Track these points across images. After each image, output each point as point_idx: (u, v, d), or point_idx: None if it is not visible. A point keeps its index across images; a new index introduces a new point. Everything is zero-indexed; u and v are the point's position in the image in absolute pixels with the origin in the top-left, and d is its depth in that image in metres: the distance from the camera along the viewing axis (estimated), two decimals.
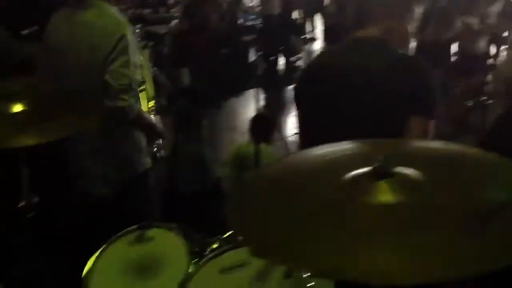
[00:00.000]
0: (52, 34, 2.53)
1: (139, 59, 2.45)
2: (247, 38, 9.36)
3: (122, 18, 2.44)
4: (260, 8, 10.37)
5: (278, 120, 4.59)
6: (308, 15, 11.79)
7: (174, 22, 8.30)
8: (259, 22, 10.01)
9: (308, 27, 12.00)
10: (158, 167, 2.77)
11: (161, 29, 8.47)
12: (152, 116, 2.79)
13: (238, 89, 8.02)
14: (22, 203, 1.87)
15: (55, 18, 2.54)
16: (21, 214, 1.87)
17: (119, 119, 2.31)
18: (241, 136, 6.38)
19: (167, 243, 1.79)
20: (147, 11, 9.86)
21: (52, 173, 2.42)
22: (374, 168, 1.14)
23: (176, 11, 9.91)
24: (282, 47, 9.57)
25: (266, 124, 4.40)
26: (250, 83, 8.80)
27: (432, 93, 1.88)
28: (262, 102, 8.05)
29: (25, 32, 3.33)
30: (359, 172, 1.18)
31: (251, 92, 8.31)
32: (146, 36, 8.66)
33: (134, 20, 8.93)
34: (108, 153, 2.44)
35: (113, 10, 2.45)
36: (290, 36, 9.56)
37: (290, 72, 9.37)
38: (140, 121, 2.46)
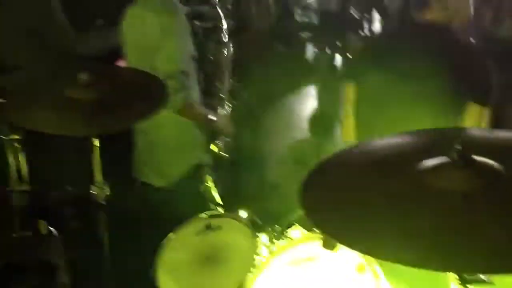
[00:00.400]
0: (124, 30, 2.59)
1: (191, 49, 2.42)
2: (305, 34, 9.31)
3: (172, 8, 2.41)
4: (318, 4, 10.29)
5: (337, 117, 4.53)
6: (366, 11, 11.58)
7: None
8: (317, 19, 9.93)
9: (365, 23, 11.79)
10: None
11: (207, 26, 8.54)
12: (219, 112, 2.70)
13: (295, 86, 7.99)
14: (94, 192, 1.91)
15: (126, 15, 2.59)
16: (94, 202, 1.91)
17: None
18: (299, 133, 6.36)
19: (234, 232, 1.80)
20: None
21: (118, 161, 2.44)
22: (454, 156, 1.10)
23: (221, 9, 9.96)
24: (340, 43, 9.45)
25: (326, 121, 4.36)
26: (307, 80, 8.78)
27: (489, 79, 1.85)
28: (319, 99, 7.99)
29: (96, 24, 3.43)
30: (438, 161, 1.15)
31: (308, 89, 8.27)
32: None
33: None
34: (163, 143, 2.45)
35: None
36: (348, 32, 9.44)
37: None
38: (190, 113, 2.40)
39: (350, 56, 9.50)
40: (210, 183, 2.39)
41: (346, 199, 1.14)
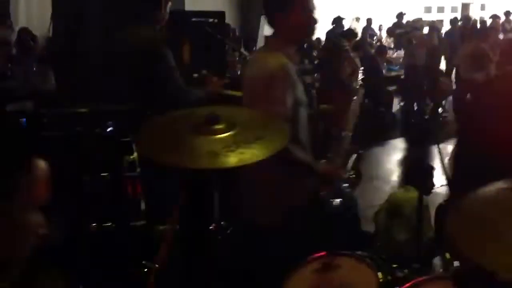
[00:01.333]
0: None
1: (296, 96, 2.44)
2: (391, 88, 9.31)
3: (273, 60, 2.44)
4: (403, 58, 10.31)
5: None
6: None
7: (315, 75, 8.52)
8: (402, 73, 9.93)
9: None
10: None
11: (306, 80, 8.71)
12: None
13: (382, 138, 7.95)
14: (213, 226, 1.97)
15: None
16: (212, 236, 1.96)
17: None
18: (386, 184, 6.28)
19: (355, 272, 1.78)
20: None
21: (228, 199, 2.50)
22: None
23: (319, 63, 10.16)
24: (426, 97, 9.37)
25: (424, 172, 4.23)
26: (393, 132, 8.73)
27: None
28: (405, 152, 7.89)
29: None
30: None
31: (394, 142, 8.21)
32: None
33: None
34: (261, 184, 2.47)
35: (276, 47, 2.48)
36: (434, 86, 9.33)
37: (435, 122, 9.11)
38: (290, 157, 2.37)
39: None
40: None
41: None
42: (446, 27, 16.57)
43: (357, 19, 16.50)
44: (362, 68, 8.30)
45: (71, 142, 2.02)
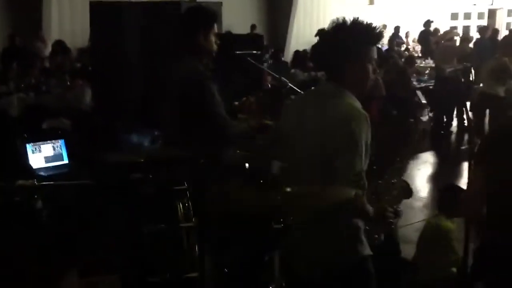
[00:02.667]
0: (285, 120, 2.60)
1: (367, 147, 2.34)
2: (419, 100, 9.25)
3: (354, 106, 2.37)
4: (435, 70, 10.24)
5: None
6: None
7: None
8: (432, 83, 9.86)
9: None
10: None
11: None
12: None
13: (411, 152, 7.87)
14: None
15: (290, 103, 2.67)
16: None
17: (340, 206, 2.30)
18: (417, 201, 6.23)
19: None
20: (321, 73, 10.17)
21: None
22: None
23: None
24: (456, 109, 9.29)
25: (453, 196, 4.19)
26: (423, 145, 8.66)
27: None
28: (436, 167, 7.83)
29: None
30: None
31: (425, 155, 8.14)
32: None
33: (309, 84, 9.38)
34: (322, 237, 2.41)
35: (348, 96, 2.40)
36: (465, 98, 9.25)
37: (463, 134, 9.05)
38: (358, 208, 2.31)
39: None
40: None
41: None
42: (472, 33, 16.54)
43: (384, 27, 16.41)
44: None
45: (126, 190, 2.06)
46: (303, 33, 15.46)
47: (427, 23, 13.96)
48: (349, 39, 2.35)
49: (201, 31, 3.16)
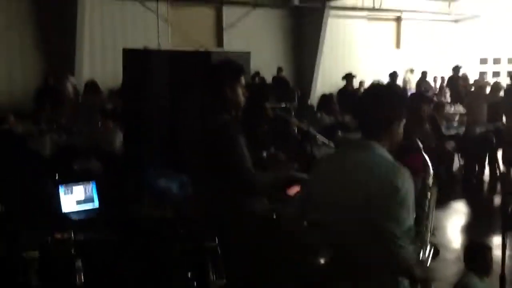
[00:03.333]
0: (319, 182, 2.60)
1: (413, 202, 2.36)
2: (450, 145, 9.16)
3: (395, 163, 2.40)
4: (462, 117, 10.19)
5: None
6: None
7: None
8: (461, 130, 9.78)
9: None
10: None
11: None
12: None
13: (442, 200, 7.74)
14: None
15: (320, 162, 2.69)
16: None
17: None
18: (449, 253, 6.08)
19: None
20: (348, 117, 10.18)
21: None
22: None
23: None
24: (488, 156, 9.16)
25: (483, 255, 4.08)
26: (453, 194, 8.53)
27: None
28: (468, 217, 7.69)
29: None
30: None
31: (455, 204, 8.00)
32: None
33: (335, 128, 9.40)
34: None
35: (386, 153, 2.44)
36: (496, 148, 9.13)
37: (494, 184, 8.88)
38: (409, 270, 2.36)
39: None
40: None
41: None
42: (502, 78, 16.43)
43: (411, 71, 16.45)
44: None
45: (158, 246, 2.08)
46: (329, 76, 15.58)
47: (456, 68, 13.95)
48: (398, 102, 2.48)
49: (227, 84, 3.23)
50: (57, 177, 4.99)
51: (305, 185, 3.15)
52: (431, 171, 2.72)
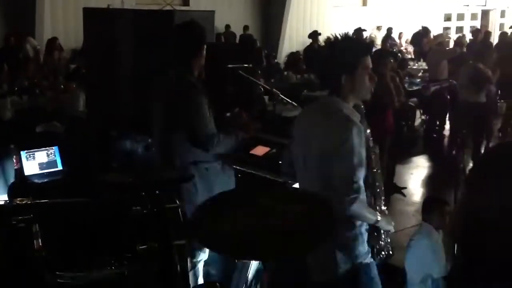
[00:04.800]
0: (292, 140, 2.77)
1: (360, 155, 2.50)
2: (413, 102, 9.30)
3: (345, 117, 2.51)
4: (426, 73, 10.31)
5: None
6: None
7: None
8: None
9: None
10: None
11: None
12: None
13: (404, 155, 7.94)
14: None
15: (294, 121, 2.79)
16: None
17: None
18: (410, 206, 6.29)
19: None
20: (314, 76, 10.21)
21: None
22: None
23: None
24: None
25: (439, 209, 4.23)
26: (415, 148, 8.74)
27: None
28: (429, 171, 7.90)
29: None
30: None
31: (417, 159, 8.21)
32: None
33: (301, 86, 9.43)
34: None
35: (344, 108, 2.54)
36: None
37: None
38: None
39: None
40: None
41: None
42: (465, 34, 16.62)
43: (378, 28, 16.50)
44: None
45: (119, 210, 2.11)
46: (296, 34, 15.52)
47: (425, 30, 13.99)
48: (342, 53, 2.53)
49: (193, 48, 3.22)
50: (19, 141, 4.94)
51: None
52: None
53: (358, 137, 2.44)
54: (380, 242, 2.75)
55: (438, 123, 9.48)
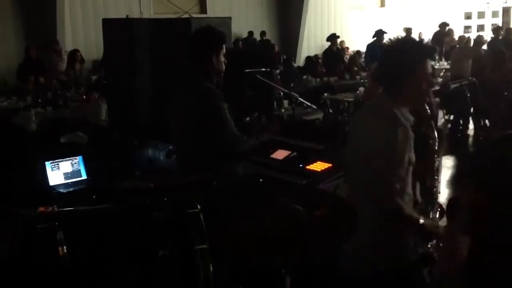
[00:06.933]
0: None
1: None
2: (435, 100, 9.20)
3: (385, 119, 2.51)
4: (447, 72, 10.21)
5: None
6: None
7: (360, 89, 8.50)
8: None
9: None
10: None
11: (348, 97, 8.74)
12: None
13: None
14: None
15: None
16: None
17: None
18: None
19: None
20: (333, 79, 10.20)
21: None
22: None
23: (361, 78, 10.15)
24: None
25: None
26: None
27: None
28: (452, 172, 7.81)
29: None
30: None
31: (442, 160, 8.10)
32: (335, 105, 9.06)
33: (320, 90, 9.42)
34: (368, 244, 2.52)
35: (388, 112, 2.51)
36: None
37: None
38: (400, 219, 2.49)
39: None
40: None
41: None
42: (487, 32, 16.43)
43: (407, 30, 16.32)
44: None
45: (140, 215, 2.13)
46: (314, 38, 15.50)
47: (443, 25, 13.88)
48: (402, 55, 2.50)
49: (211, 53, 3.23)
50: (44, 152, 5.03)
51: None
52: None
53: (404, 139, 2.43)
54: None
55: (461, 122, 9.37)
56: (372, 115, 2.61)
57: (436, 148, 2.86)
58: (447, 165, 8.02)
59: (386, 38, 14.00)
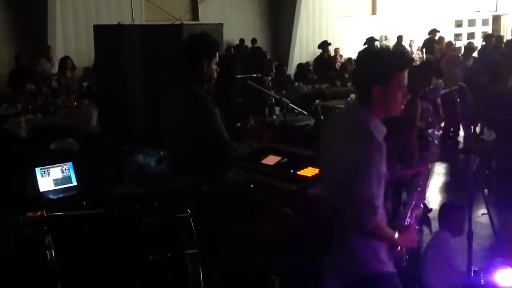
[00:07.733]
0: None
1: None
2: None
3: (357, 128, 2.50)
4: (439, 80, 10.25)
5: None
6: None
7: (351, 96, 8.53)
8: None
9: None
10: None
11: (339, 104, 8.77)
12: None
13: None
14: None
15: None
16: None
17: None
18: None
19: None
20: (324, 86, 10.24)
21: None
22: None
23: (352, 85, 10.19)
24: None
25: (456, 215, 4.18)
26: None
27: None
28: (445, 178, 7.84)
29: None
30: None
31: (433, 167, 8.13)
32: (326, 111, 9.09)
33: (312, 96, 9.45)
34: (343, 250, 2.51)
35: (362, 120, 2.50)
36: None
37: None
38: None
39: None
40: None
41: None
42: (477, 40, 16.56)
43: (385, 38, 16.49)
44: None
45: (130, 220, 2.12)
46: (306, 45, 15.55)
47: (432, 32, 13.99)
48: (378, 65, 2.48)
49: (203, 60, 3.24)
50: (34, 159, 5.00)
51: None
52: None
53: (379, 157, 2.41)
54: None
55: (452, 129, 9.41)
56: (347, 131, 2.56)
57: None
58: (438, 172, 8.08)
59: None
